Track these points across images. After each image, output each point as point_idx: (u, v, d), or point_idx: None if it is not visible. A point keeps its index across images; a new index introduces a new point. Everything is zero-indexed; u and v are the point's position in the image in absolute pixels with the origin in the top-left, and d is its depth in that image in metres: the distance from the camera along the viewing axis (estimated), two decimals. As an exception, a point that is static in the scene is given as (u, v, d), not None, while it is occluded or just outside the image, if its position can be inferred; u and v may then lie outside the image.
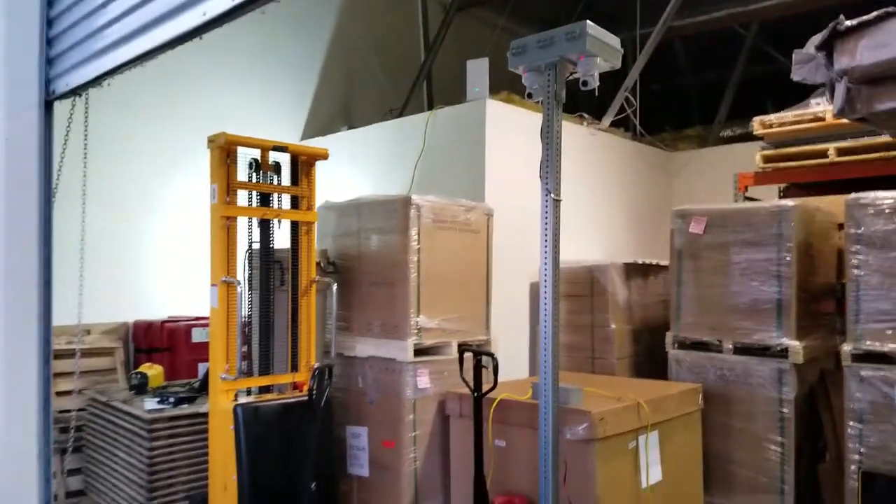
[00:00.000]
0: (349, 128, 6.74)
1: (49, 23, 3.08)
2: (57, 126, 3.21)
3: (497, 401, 4.00)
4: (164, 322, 5.56)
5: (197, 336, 5.41)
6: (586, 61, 3.27)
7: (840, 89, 1.78)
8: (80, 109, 3.25)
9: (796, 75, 1.97)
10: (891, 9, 1.66)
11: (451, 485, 4.36)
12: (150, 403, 4.20)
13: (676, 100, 8.89)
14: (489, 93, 5.58)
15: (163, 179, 6.19)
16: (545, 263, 3.37)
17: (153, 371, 4.66)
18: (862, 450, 4.08)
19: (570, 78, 3.41)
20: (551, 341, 3.36)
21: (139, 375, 4.55)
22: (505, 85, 5.89)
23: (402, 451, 4.28)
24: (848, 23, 1.70)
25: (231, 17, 2.21)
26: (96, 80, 2.92)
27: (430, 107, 6.67)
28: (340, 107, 7.44)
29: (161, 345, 5.49)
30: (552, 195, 3.34)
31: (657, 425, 4.14)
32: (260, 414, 3.82)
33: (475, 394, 3.88)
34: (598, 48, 3.25)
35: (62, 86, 3.02)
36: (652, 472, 4.10)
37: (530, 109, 5.59)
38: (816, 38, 1.81)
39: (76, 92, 2.98)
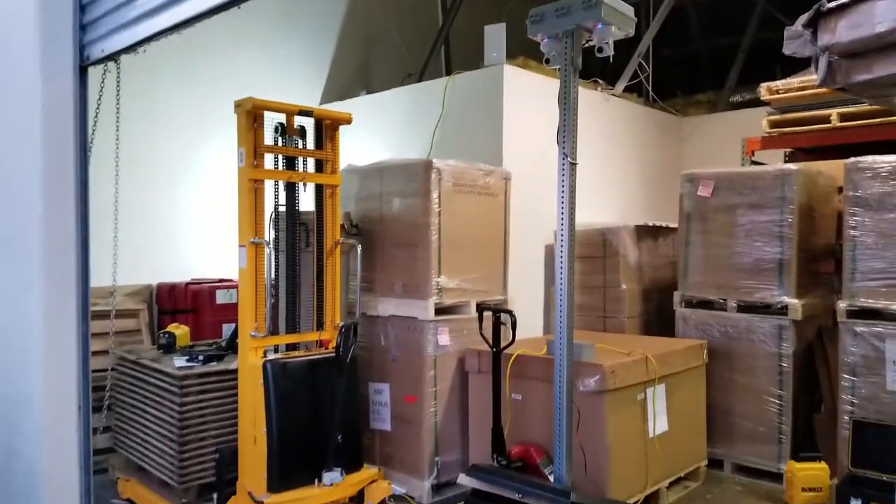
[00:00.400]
0: (368, 92, 6.85)
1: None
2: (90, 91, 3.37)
3: (514, 356, 4.22)
4: (187, 284, 5.75)
5: (221, 298, 5.60)
6: (602, 29, 3.41)
7: (822, 62, 1.98)
8: (112, 75, 3.40)
9: (787, 49, 2.15)
10: None
11: (470, 437, 4.62)
12: (180, 361, 4.41)
13: (688, 65, 8.93)
14: (506, 58, 5.68)
15: (186, 144, 6.30)
16: (562, 224, 3.55)
17: (180, 331, 4.86)
18: (854, 400, 4.32)
19: (587, 45, 3.55)
20: (567, 300, 3.55)
21: (167, 335, 4.76)
22: (522, 50, 5.99)
23: (423, 405, 4.52)
24: (829, 4, 1.90)
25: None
26: (132, 47, 3.05)
27: (448, 72, 6.75)
28: (359, 71, 7.52)
29: (185, 306, 5.68)
30: (569, 159, 3.50)
31: (664, 378, 4.37)
32: (288, 370, 4.03)
33: (494, 349, 4.09)
34: (614, 17, 3.39)
35: (97, 52, 3.14)
36: (659, 423, 4.34)
37: (546, 75, 5.70)
38: (803, 17, 2.00)
39: (111, 58, 3.11)
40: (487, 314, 4.19)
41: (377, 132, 6.37)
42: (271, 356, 4.09)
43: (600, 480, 3.87)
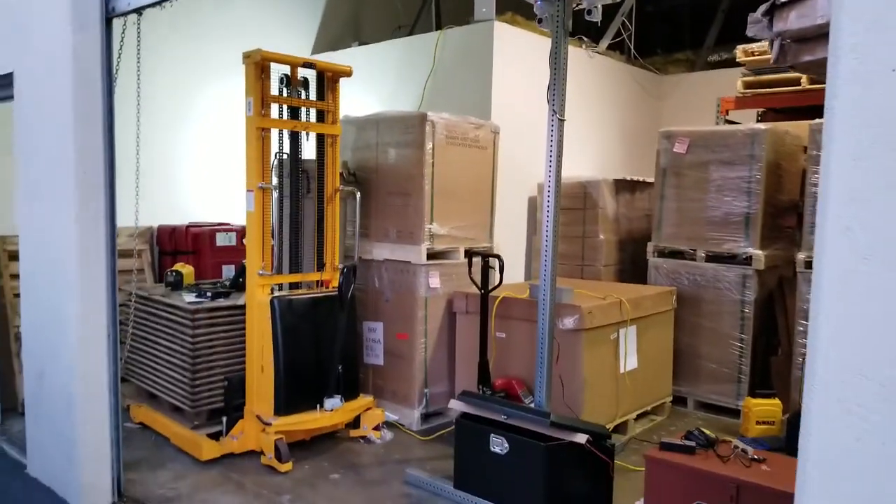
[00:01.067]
0: (360, 44, 7.01)
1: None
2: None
3: (500, 298, 4.59)
4: (188, 227, 6.00)
5: (221, 240, 5.88)
6: (592, -5, 3.66)
7: (776, 45, 2.34)
8: (131, 27, 3.60)
9: (750, 31, 2.51)
10: None
11: (456, 371, 5.01)
12: (190, 297, 4.71)
13: (669, 22, 9.13)
14: (495, 14, 5.89)
15: (184, 90, 6.45)
16: (549, 178, 3.85)
17: (186, 270, 5.14)
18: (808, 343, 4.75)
19: (577, 8, 3.81)
20: (552, 247, 3.88)
21: (175, 273, 5.04)
22: (509, 6, 6.21)
23: (414, 342, 4.89)
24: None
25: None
26: (159, 3, 3.27)
27: (439, 26, 6.93)
28: (349, 22, 7.65)
29: (185, 248, 5.95)
30: (558, 115, 3.79)
31: (636, 321, 4.78)
32: (293, 306, 4.37)
33: (483, 291, 4.45)
34: (604, -17, 3.64)
35: (123, 4, 3.35)
36: (629, 360, 4.77)
37: (534, 32, 5.93)
38: (762, 7, 2.34)
39: (137, 11, 3.32)
40: (476, 259, 4.54)
41: (368, 84, 6.57)
42: (277, 294, 4.42)
43: (575, 408, 4.30)
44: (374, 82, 6.51)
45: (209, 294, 4.69)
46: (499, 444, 3.61)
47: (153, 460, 4.28)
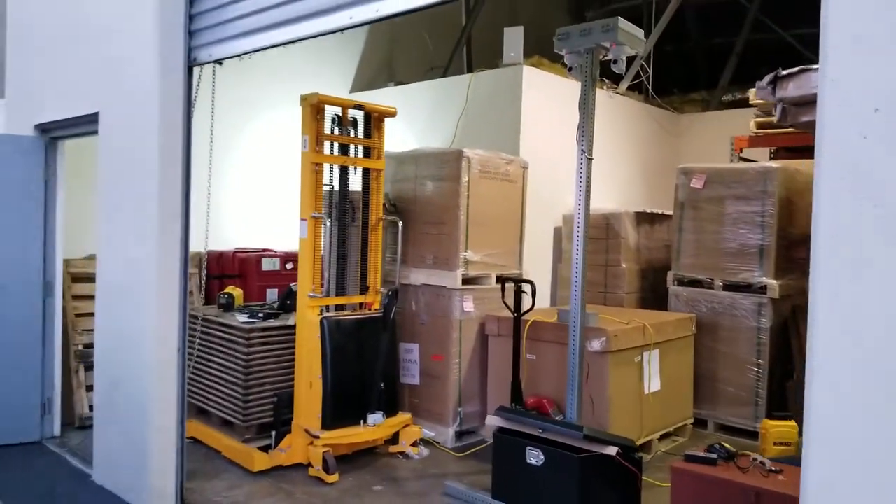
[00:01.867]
0: (396, 84, 7.47)
1: (191, 2, 3.83)
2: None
3: (530, 322, 4.92)
4: (235, 252, 6.39)
5: (266, 265, 6.25)
6: (617, 49, 4.06)
7: (779, 108, 2.75)
8: (207, 74, 4.04)
9: (758, 96, 2.92)
10: (807, 66, 2.66)
11: (488, 391, 5.32)
12: (243, 318, 5.08)
13: (684, 63, 9.57)
14: (523, 57, 6.33)
15: (230, 125, 6.88)
16: (578, 212, 4.20)
17: (237, 292, 5.53)
18: (823, 369, 5.03)
19: (603, 59, 4.21)
20: (581, 274, 4.21)
21: (227, 296, 5.42)
22: (535, 50, 6.65)
23: (449, 363, 5.21)
24: (784, 73, 2.66)
25: (373, 22, 2.97)
26: (240, 55, 3.69)
27: (470, 68, 7.38)
28: (385, 63, 8.13)
29: (232, 272, 6.33)
30: (586, 154, 4.16)
31: (658, 345, 5.09)
32: (341, 326, 4.72)
33: (515, 314, 4.78)
34: (626, 38, 4.04)
35: (205, 55, 3.79)
36: (653, 382, 5.07)
37: (558, 74, 6.35)
38: (767, 78, 2.78)
39: (218, 61, 3.75)
40: (509, 285, 4.88)
41: (404, 121, 6.99)
42: (326, 314, 4.78)
43: (603, 426, 4.59)
44: (410, 120, 6.93)
45: (261, 315, 5.04)
46: (534, 457, 3.91)
47: (206, 471, 4.59)
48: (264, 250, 6.50)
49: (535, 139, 6.20)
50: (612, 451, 3.75)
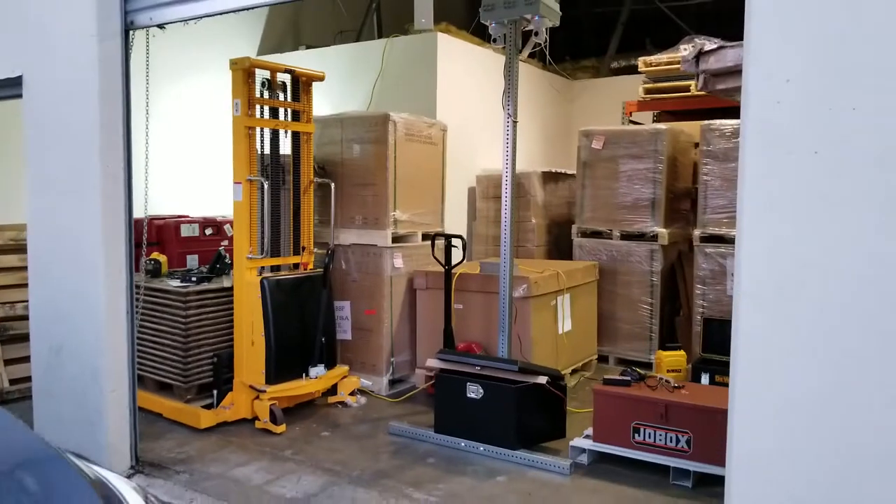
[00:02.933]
0: (307, 48, 7.49)
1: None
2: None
3: (458, 274, 5.32)
4: (151, 219, 6.30)
5: (185, 231, 6.21)
6: (538, 20, 4.47)
7: (701, 78, 3.28)
8: (140, 38, 4.04)
9: (682, 67, 3.43)
10: (725, 43, 3.21)
11: (417, 341, 5.69)
12: (175, 283, 5.12)
13: (573, 31, 10.17)
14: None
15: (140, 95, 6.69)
16: (506, 171, 4.61)
17: (163, 258, 5.53)
18: (704, 304, 5.82)
19: (525, 29, 4.60)
20: (509, 230, 4.64)
21: (154, 262, 5.39)
22: (443, 17, 6.93)
23: (381, 316, 5.53)
24: (706, 48, 3.17)
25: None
26: (185, 20, 3.75)
27: (380, 33, 7.54)
28: (291, 26, 8.09)
29: (151, 239, 6.24)
30: (512, 118, 4.57)
31: (570, 289, 5.66)
32: (281, 285, 4.91)
33: (446, 267, 5.16)
34: (547, 11, 4.47)
35: (144, 19, 3.80)
36: (566, 323, 5.65)
37: (468, 41, 6.70)
38: (692, 52, 3.29)
39: (160, 25, 3.78)
40: (439, 240, 5.25)
41: (318, 85, 7.08)
42: (265, 275, 4.93)
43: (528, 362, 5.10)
44: (324, 84, 7.02)
45: (194, 279, 5.11)
46: (474, 391, 4.35)
47: (151, 433, 4.66)
48: (180, 216, 6.45)
49: (449, 103, 6.54)
50: (542, 380, 4.25)
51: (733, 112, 6.14)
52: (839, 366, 1.91)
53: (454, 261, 5.23)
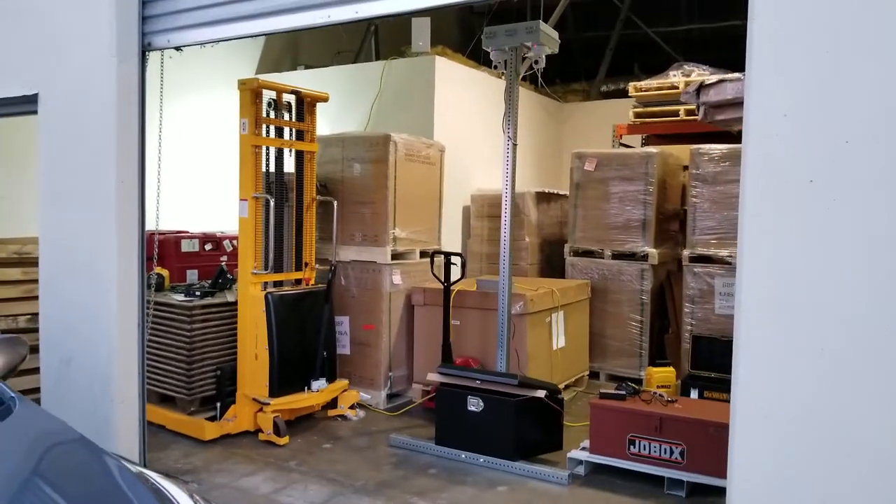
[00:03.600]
0: (305, 67, 7.65)
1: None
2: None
3: (455, 291, 5.46)
4: (150, 234, 6.37)
5: (185, 247, 6.30)
6: (538, 48, 4.67)
7: (702, 109, 3.49)
8: (154, 60, 4.17)
9: (683, 98, 3.63)
10: (724, 75, 3.41)
11: (414, 356, 5.81)
12: (179, 297, 5.20)
13: (564, 55, 10.45)
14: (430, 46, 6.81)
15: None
16: (506, 191, 4.78)
17: (165, 273, 5.61)
18: (693, 322, 6.01)
19: (526, 56, 4.80)
20: (508, 248, 4.80)
21: (157, 276, 5.47)
22: (440, 40, 7.15)
23: (380, 332, 5.65)
24: (707, 81, 3.37)
25: (350, 23, 3.31)
26: (202, 44, 3.88)
27: (378, 55, 7.72)
28: (290, 46, 8.25)
29: (150, 254, 6.32)
30: (512, 141, 4.75)
31: (563, 307, 5.83)
32: (285, 300, 5.02)
33: (445, 284, 5.30)
34: (546, 39, 4.66)
35: (162, 41, 3.94)
36: (560, 340, 5.81)
37: (464, 64, 6.90)
38: (693, 85, 3.50)
39: (177, 48, 3.92)
40: (439, 258, 5.39)
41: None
42: (269, 290, 5.04)
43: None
44: (321, 104, 7.19)
45: (198, 294, 5.21)
46: (474, 404, 4.48)
47: (155, 444, 4.73)
48: (179, 232, 6.54)
49: (445, 124, 6.72)
50: (541, 393, 4.40)
51: (720, 137, 6.45)
52: (832, 376, 2.07)
53: (452, 278, 5.38)
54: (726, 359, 5.57)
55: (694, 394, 5.48)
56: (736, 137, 6.36)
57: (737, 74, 3.53)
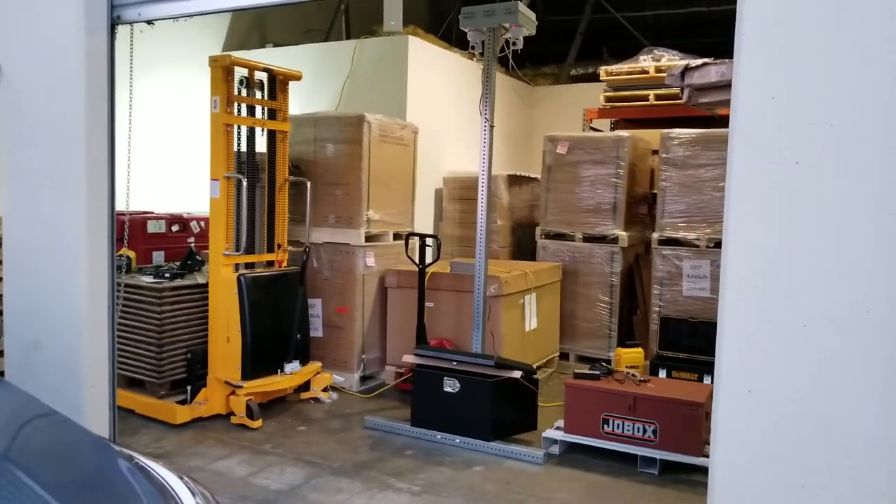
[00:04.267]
0: (274, 45, 7.49)
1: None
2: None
3: (429, 273, 5.46)
4: (116, 214, 6.20)
5: (152, 228, 6.15)
6: (516, 29, 4.66)
7: (686, 92, 3.52)
8: (122, 33, 4.03)
9: (668, 81, 3.66)
10: (708, 60, 3.45)
11: (388, 338, 5.81)
12: (148, 279, 5.08)
13: (534, 38, 10.45)
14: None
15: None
16: (482, 173, 4.78)
17: (132, 254, 5.47)
18: (661, 304, 6.11)
19: (504, 36, 4.78)
20: (484, 230, 4.81)
21: (125, 258, 5.34)
22: (411, 20, 7.07)
23: (353, 314, 5.62)
24: (692, 64, 3.42)
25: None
26: (173, 17, 3.77)
27: (349, 34, 7.61)
28: (256, 23, 8.07)
29: (119, 235, 6.15)
30: (489, 122, 4.74)
31: (536, 289, 5.87)
32: (258, 282, 4.94)
33: (420, 266, 5.29)
34: (524, 21, 4.65)
35: (132, 14, 3.81)
36: (532, 321, 5.86)
37: (437, 45, 6.84)
38: (678, 68, 3.53)
39: (149, 22, 3.80)
40: (413, 239, 5.37)
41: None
42: (242, 271, 4.96)
43: (497, 360, 5.28)
44: (293, 83, 7.07)
45: (167, 275, 5.10)
46: (451, 385, 4.50)
47: (125, 428, 4.63)
48: (145, 212, 6.38)
49: (418, 106, 6.67)
50: (516, 374, 4.44)
51: (689, 122, 6.55)
52: (814, 353, 2.14)
53: (429, 260, 5.37)
54: (694, 340, 5.78)
55: (662, 374, 5.61)
56: (705, 122, 6.47)
57: (722, 60, 3.62)
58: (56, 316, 3.94)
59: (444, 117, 7.11)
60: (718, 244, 5.74)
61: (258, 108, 5.09)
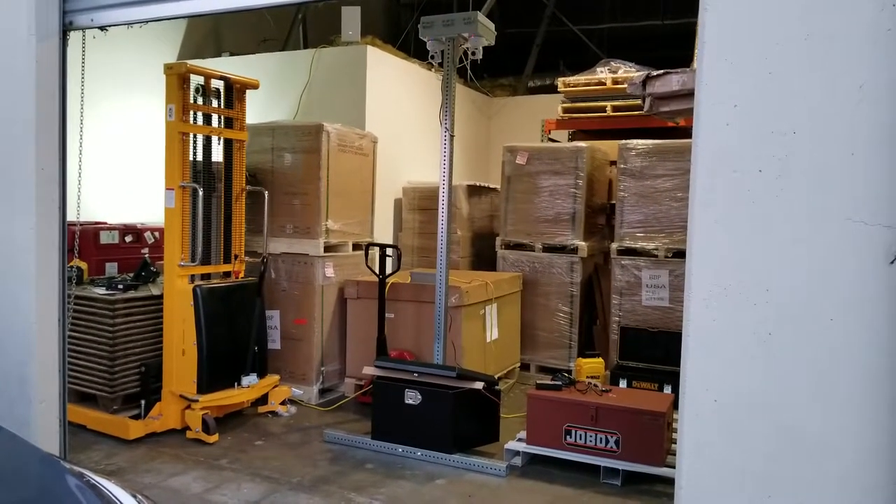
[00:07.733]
0: (231, 54, 7.36)
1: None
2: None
3: (389, 284, 5.40)
4: (70, 225, 5.98)
5: (105, 238, 5.94)
6: (475, 39, 4.67)
7: (647, 101, 3.57)
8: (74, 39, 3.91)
9: (629, 90, 3.71)
10: (670, 70, 3.50)
11: (348, 350, 5.72)
12: (101, 290, 4.90)
13: (491, 49, 10.54)
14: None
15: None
16: (443, 183, 4.77)
17: (83, 265, 5.28)
18: (620, 313, 6.18)
19: (463, 47, 4.79)
20: (445, 241, 4.79)
21: (76, 269, 5.14)
22: (369, 31, 7.05)
23: (312, 326, 5.52)
24: (653, 73, 3.47)
25: (284, 6, 3.20)
26: (127, 24, 3.66)
27: (306, 44, 7.53)
28: (212, 32, 7.92)
29: (70, 246, 5.93)
30: (449, 132, 4.73)
31: (497, 299, 5.87)
32: (214, 293, 4.82)
33: (380, 277, 5.24)
34: (484, 31, 4.67)
35: (84, 20, 3.68)
36: (493, 332, 5.85)
37: (395, 55, 6.83)
38: (640, 76, 3.57)
39: (102, 28, 3.68)
40: (373, 249, 5.32)
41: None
42: (198, 282, 4.83)
43: (459, 370, 5.25)
44: (249, 92, 6.96)
45: (121, 286, 4.93)
46: (412, 397, 4.45)
47: (76, 444, 4.43)
48: (97, 223, 6.18)
49: (377, 115, 6.64)
50: (478, 385, 4.41)
51: (645, 133, 6.66)
52: (778, 361, 2.17)
53: (389, 270, 5.32)
54: (654, 349, 5.84)
55: (623, 383, 5.64)
56: (662, 133, 6.59)
57: (684, 68, 3.68)
58: (3, 329, 3.77)
59: (403, 127, 7.10)
60: (677, 254, 5.85)
61: (214, 117, 4.99)
